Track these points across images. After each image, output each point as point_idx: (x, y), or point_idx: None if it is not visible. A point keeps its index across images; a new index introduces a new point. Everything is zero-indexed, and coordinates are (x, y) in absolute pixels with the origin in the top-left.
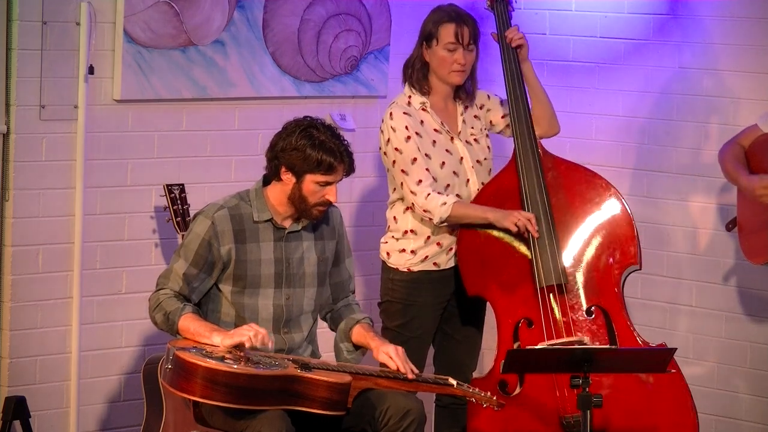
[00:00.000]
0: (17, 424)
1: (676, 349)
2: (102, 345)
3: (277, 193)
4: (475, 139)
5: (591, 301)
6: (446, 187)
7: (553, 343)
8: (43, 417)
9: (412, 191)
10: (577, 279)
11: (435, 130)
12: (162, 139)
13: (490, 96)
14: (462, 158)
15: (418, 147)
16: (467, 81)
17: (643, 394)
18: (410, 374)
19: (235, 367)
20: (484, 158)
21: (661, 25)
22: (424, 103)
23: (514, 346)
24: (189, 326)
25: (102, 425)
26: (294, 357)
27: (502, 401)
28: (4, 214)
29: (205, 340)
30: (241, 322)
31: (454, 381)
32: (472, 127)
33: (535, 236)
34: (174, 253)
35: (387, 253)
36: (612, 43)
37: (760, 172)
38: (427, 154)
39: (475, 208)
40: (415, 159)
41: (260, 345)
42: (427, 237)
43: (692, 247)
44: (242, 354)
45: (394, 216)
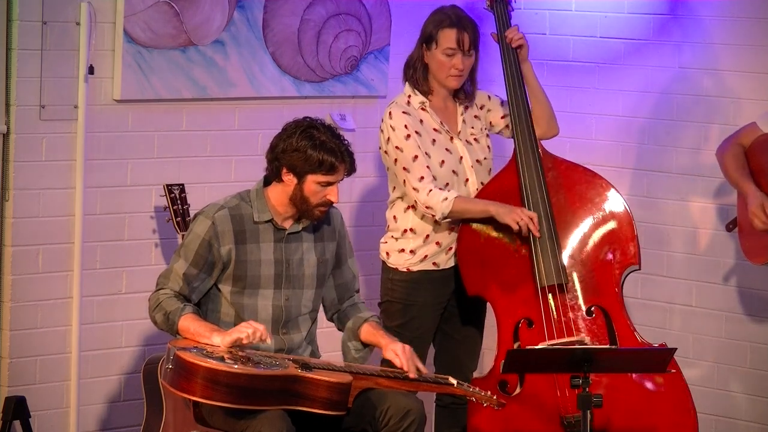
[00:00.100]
0: (17, 424)
1: (676, 349)
2: (102, 345)
3: (278, 194)
4: (475, 139)
5: (591, 301)
6: (445, 186)
7: (554, 343)
8: (43, 417)
9: (414, 188)
10: (577, 279)
11: (434, 130)
12: (162, 139)
13: (491, 96)
14: (461, 158)
15: (419, 145)
16: (467, 82)
17: (643, 394)
18: (412, 373)
19: (236, 367)
20: (484, 158)
21: (661, 25)
22: (423, 102)
23: (514, 346)
24: (189, 326)
25: (102, 425)
26: (294, 357)
27: (503, 401)
28: (4, 214)
29: (205, 341)
30: (240, 322)
31: (454, 380)
32: (472, 127)
33: (537, 236)
34: (174, 253)
35: (386, 253)
36: (612, 43)
37: (760, 172)
38: (426, 153)
39: (477, 203)
40: (416, 156)
41: (258, 341)
42: (426, 236)
43: (692, 247)
44: (243, 354)
45: (394, 215)
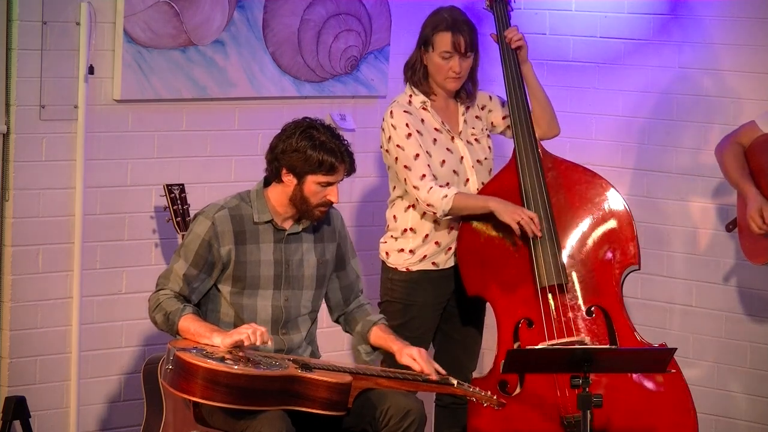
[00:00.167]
0: (17, 424)
1: (676, 349)
2: (102, 345)
3: (278, 195)
4: (476, 139)
5: (591, 301)
6: (446, 186)
7: (554, 343)
8: (43, 417)
9: (415, 186)
10: (577, 279)
11: (435, 129)
12: (162, 139)
13: (492, 97)
14: (462, 157)
15: (420, 144)
16: (467, 83)
17: (643, 394)
18: (434, 375)
19: (236, 367)
20: (485, 158)
21: (662, 25)
22: (424, 102)
23: (514, 346)
24: (189, 327)
25: (102, 425)
26: (294, 357)
27: (503, 401)
28: (4, 214)
29: (205, 341)
30: (240, 322)
31: (454, 380)
32: (473, 128)
33: (539, 236)
34: (174, 254)
35: (386, 253)
36: (612, 43)
37: (759, 173)
38: (427, 152)
39: (477, 198)
40: (418, 155)
41: (260, 343)
42: (426, 235)
43: (692, 248)
44: (243, 354)
45: (394, 215)
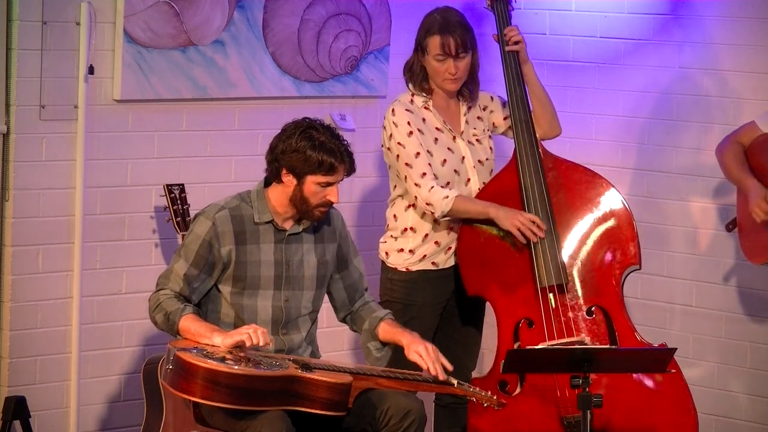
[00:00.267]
0: (17, 424)
1: (676, 349)
2: (102, 345)
3: (278, 195)
4: (477, 140)
5: (591, 301)
6: (446, 185)
7: (554, 343)
8: (43, 417)
9: (416, 183)
10: (578, 279)
11: (437, 129)
12: (162, 139)
13: (493, 97)
14: (463, 157)
15: (421, 143)
16: (468, 82)
17: (643, 394)
18: (441, 375)
19: (236, 367)
20: (486, 159)
21: (662, 25)
22: (426, 101)
23: (515, 346)
24: (189, 327)
25: (102, 425)
26: (295, 357)
27: (503, 401)
28: (4, 214)
29: (205, 341)
30: (240, 323)
31: (454, 380)
32: (475, 128)
33: (542, 237)
34: (174, 254)
35: (386, 252)
36: (612, 43)
37: (760, 172)
38: (428, 151)
39: (478, 203)
40: (418, 153)
41: (262, 344)
42: (426, 235)
43: (692, 248)
44: (243, 354)
45: (395, 214)
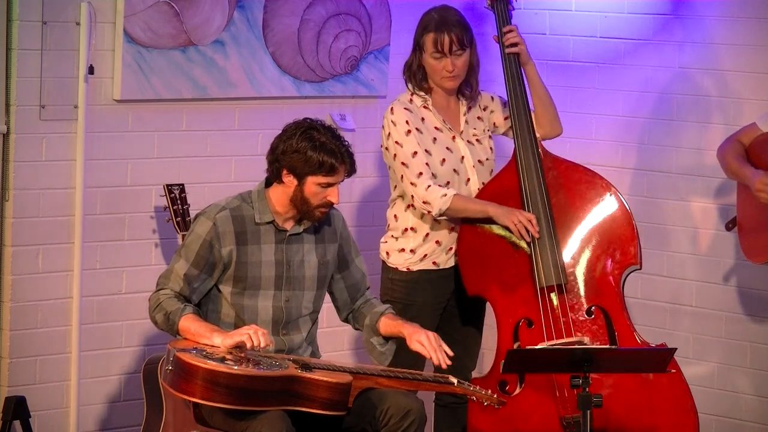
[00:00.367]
0: (17, 424)
1: (676, 349)
2: (102, 345)
3: (279, 195)
4: (477, 140)
5: (591, 301)
6: (446, 185)
7: (553, 344)
8: (43, 417)
9: (412, 183)
10: (578, 279)
11: (436, 128)
12: (162, 139)
13: (494, 97)
14: (463, 157)
15: (419, 142)
16: (468, 80)
17: (643, 394)
18: (443, 363)
19: (236, 368)
20: (486, 158)
21: (662, 25)
22: (425, 101)
23: (514, 346)
24: (189, 327)
25: (102, 425)
26: (294, 357)
27: (503, 399)
28: (4, 214)
29: (205, 341)
30: (240, 323)
31: (454, 379)
32: (475, 128)
33: (536, 236)
34: (175, 254)
35: (386, 252)
36: (612, 43)
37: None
38: (427, 150)
39: (476, 202)
40: (416, 152)
41: (263, 345)
42: (426, 234)
43: (692, 247)
44: (243, 355)
45: (395, 214)
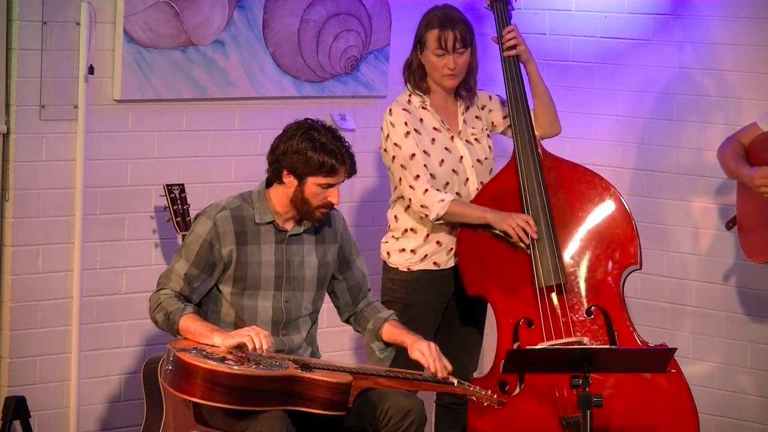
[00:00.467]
0: (17, 424)
1: (675, 349)
2: (102, 345)
3: (279, 196)
4: (475, 139)
5: (591, 301)
6: (445, 185)
7: (553, 344)
8: (43, 417)
9: (410, 185)
10: (577, 279)
11: (434, 129)
12: (162, 139)
13: (492, 97)
14: (462, 157)
15: (417, 143)
16: (467, 80)
17: (644, 394)
18: (441, 372)
19: (236, 368)
20: (485, 158)
21: (662, 25)
22: (424, 101)
23: (514, 346)
24: (190, 326)
25: (102, 425)
26: (294, 357)
27: (503, 400)
28: (4, 214)
29: (205, 341)
30: (240, 323)
31: (454, 380)
32: (473, 127)
33: (535, 237)
34: (175, 253)
35: (387, 252)
36: (612, 43)
37: None
38: (425, 151)
39: (474, 208)
40: (414, 155)
41: (266, 347)
42: (426, 235)
43: (693, 247)
44: (243, 355)
45: (395, 215)
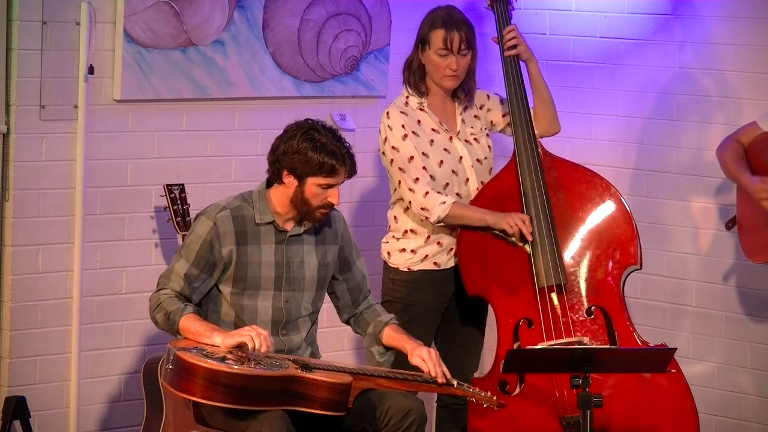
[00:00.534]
0: (17, 424)
1: (675, 349)
2: (102, 345)
3: (280, 196)
4: (474, 139)
5: (591, 301)
6: (445, 186)
7: (553, 344)
8: (43, 417)
9: (410, 188)
10: (577, 279)
11: (433, 130)
12: (162, 139)
13: (490, 96)
14: (461, 157)
15: (415, 146)
16: (466, 82)
17: (643, 394)
18: (440, 378)
19: (236, 367)
20: (484, 157)
21: (662, 25)
22: (421, 103)
23: (514, 346)
24: (190, 326)
25: (102, 425)
26: (294, 357)
27: (503, 401)
28: (4, 214)
29: (205, 341)
30: (240, 323)
31: (454, 381)
32: (472, 127)
33: (529, 239)
34: (175, 253)
35: (388, 252)
36: (612, 43)
37: (760, 171)
38: (424, 153)
39: (474, 210)
40: (412, 157)
41: (263, 349)
42: (427, 236)
43: (693, 247)
44: (243, 354)
45: (395, 216)
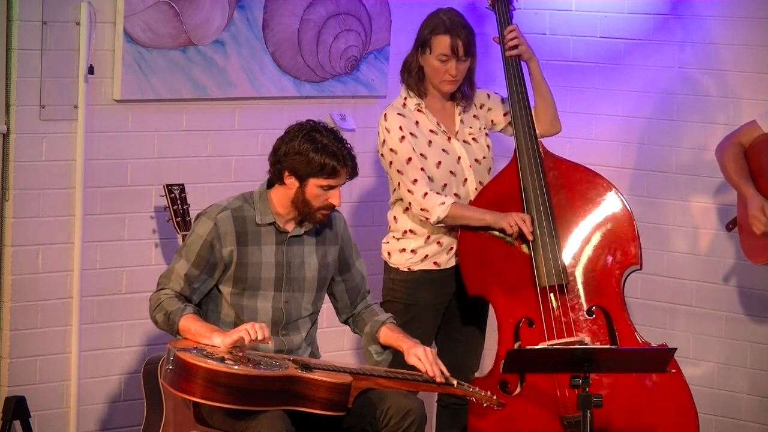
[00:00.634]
0: (17, 424)
1: (676, 349)
2: (102, 345)
3: (281, 197)
4: (473, 138)
5: (592, 301)
6: (443, 187)
7: (554, 343)
8: (43, 417)
9: (409, 190)
10: (578, 279)
11: (431, 131)
12: (162, 139)
13: (490, 95)
14: (459, 158)
15: (413, 147)
16: (464, 85)
17: (644, 394)
18: (438, 377)
19: (236, 368)
20: (483, 157)
21: (662, 25)
22: (419, 104)
23: (515, 346)
24: (190, 326)
25: (102, 425)
26: (294, 357)
27: (503, 401)
28: (4, 214)
29: (205, 341)
30: (239, 323)
31: (454, 380)
32: (471, 127)
33: (529, 238)
34: (175, 254)
35: (388, 253)
36: (612, 43)
37: (760, 172)
38: (422, 154)
39: (474, 210)
40: (410, 159)
41: (260, 337)
42: (427, 237)
43: (693, 248)
44: (243, 354)
45: (395, 216)
